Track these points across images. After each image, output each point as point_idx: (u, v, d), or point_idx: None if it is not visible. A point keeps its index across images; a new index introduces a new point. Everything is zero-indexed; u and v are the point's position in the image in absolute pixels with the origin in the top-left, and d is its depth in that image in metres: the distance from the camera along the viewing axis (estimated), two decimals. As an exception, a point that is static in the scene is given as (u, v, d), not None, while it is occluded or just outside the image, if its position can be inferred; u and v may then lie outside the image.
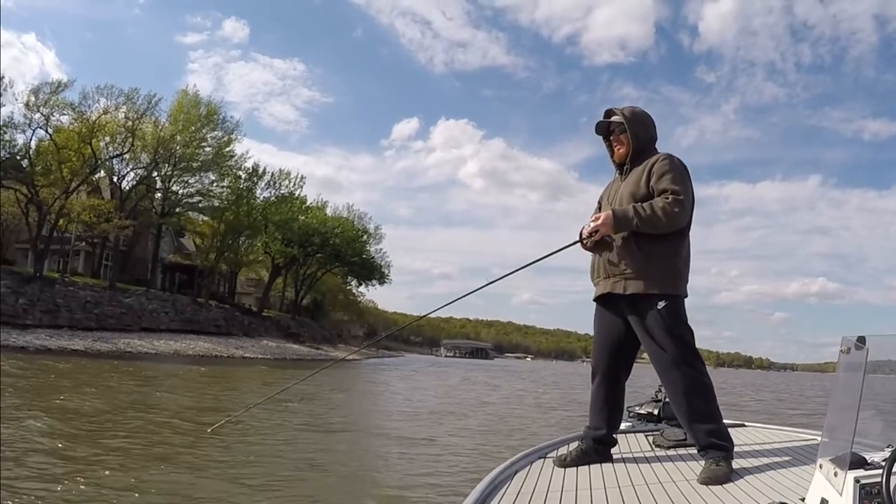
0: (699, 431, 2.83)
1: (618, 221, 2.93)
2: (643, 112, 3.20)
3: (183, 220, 50.38)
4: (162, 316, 42.00)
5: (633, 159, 3.13)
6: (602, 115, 3.26)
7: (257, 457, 8.08)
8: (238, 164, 49.50)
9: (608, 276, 3.06)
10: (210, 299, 49.94)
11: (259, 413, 10.69)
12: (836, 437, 1.88)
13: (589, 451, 3.07)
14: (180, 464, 7.39)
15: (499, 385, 31.19)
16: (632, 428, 3.76)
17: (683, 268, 3.02)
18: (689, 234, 3.05)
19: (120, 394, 13.91)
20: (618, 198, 3.10)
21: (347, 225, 63.30)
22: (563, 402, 21.38)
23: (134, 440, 8.63)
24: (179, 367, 26.78)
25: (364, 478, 7.56)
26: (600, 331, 3.18)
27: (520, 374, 50.46)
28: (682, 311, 2.99)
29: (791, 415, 18.77)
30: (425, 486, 7.17)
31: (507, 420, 14.55)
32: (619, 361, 3.15)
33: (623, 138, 3.15)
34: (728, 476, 2.62)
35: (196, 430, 8.92)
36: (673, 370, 2.89)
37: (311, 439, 9.93)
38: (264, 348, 45.67)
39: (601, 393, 3.17)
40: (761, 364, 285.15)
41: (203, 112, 45.36)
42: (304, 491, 6.84)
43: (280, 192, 55.96)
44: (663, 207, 2.86)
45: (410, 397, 19.76)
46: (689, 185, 2.99)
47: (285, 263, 59.16)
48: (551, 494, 2.51)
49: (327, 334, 68.18)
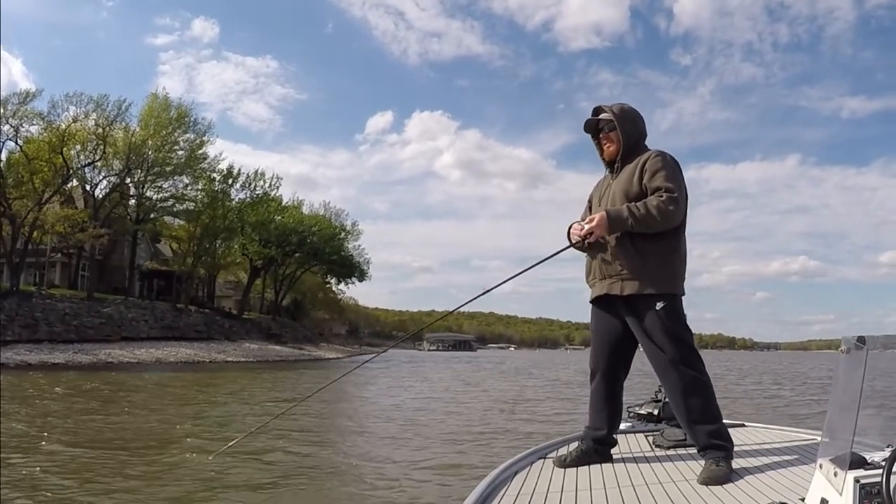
0: (699, 431, 2.84)
1: (612, 222, 2.90)
2: (632, 109, 3.17)
3: (158, 225, 49.95)
4: (142, 324, 41.54)
5: (623, 157, 3.11)
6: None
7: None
8: (212, 166, 49.07)
9: (604, 278, 3.04)
10: (189, 304, 49.53)
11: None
12: (835, 436, 1.86)
13: (589, 452, 3.07)
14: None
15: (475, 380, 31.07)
16: (632, 428, 3.74)
17: (680, 266, 3.02)
18: (684, 231, 3.04)
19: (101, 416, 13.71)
20: (609, 196, 3.08)
21: (324, 223, 63.08)
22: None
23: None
24: (164, 375, 26.56)
25: (364, 478, 7.54)
26: (598, 332, 3.16)
27: (500, 366, 50.35)
28: (681, 310, 2.99)
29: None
30: (425, 485, 7.18)
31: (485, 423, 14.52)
32: (617, 362, 3.13)
33: (612, 136, 3.12)
34: (728, 476, 2.62)
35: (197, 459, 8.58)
36: (672, 371, 2.89)
37: (306, 441, 9.90)
38: (246, 351, 45.45)
39: (600, 393, 3.16)
40: (744, 344, 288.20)
41: (174, 115, 44.83)
42: (305, 490, 6.84)
43: (255, 193, 55.59)
44: (658, 206, 2.85)
45: (398, 396, 19.71)
46: (683, 182, 2.99)
47: (264, 264, 58.83)
48: (551, 495, 2.51)
49: (309, 334, 67.91)
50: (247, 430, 8.27)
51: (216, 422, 12.35)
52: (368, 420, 13.11)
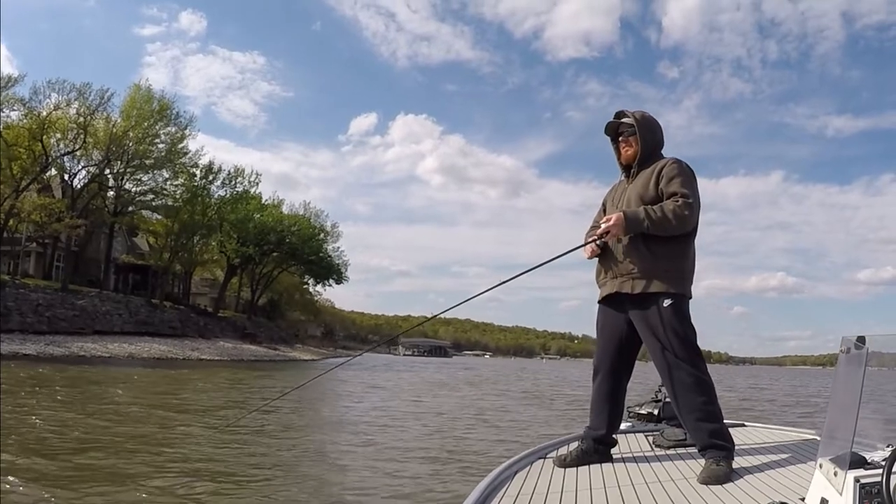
0: (699, 431, 2.88)
1: (629, 223, 2.96)
2: (653, 118, 3.29)
3: (136, 219, 49.29)
4: (115, 318, 41.00)
5: (640, 162, 3.19)
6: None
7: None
8: (192, 160, 48.55)
9: (615, 277, 3.10)
10: (164, 300, 48.95)
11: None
12: (835, 436, 1.88)
13: (589, 452, 3.11)
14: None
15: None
16: (632, 428, 3.78)
17: (690, 269, 3.09)
18: (695, 238, 3.11)
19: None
20: (625, 200, 3.15)
21: (304, 223, 62.63)
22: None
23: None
24: (140, 370, 26.26)
25: (362, 478, 7.52)
26: (604, 331, 3.21)
27: (479, 374, 50.19)
28: (687, 310, 3.04)
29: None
30: (425, 485, 7.20)
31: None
32: (620, 362, 3.18)
33: (632, 141, 3.21)
34: (728, 476, 2.65)
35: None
36: (675, 369, 2.93)
37: (298, 441, 9.88)
38: (220, 350, 45.08)
39: (602, 393, 3.19)
40: (720, 358, 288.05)
41: (156, 107, 44.22)
42: (304, 491, 6.82)
43: (235, 189, 55.15)
44: (674, 210, 2.92)
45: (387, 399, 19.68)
46: (697, 190, 3.05)
47: (241, 263, 58.30)
48: (551, 495, 2.53)
49: (284, 334, 67.38)
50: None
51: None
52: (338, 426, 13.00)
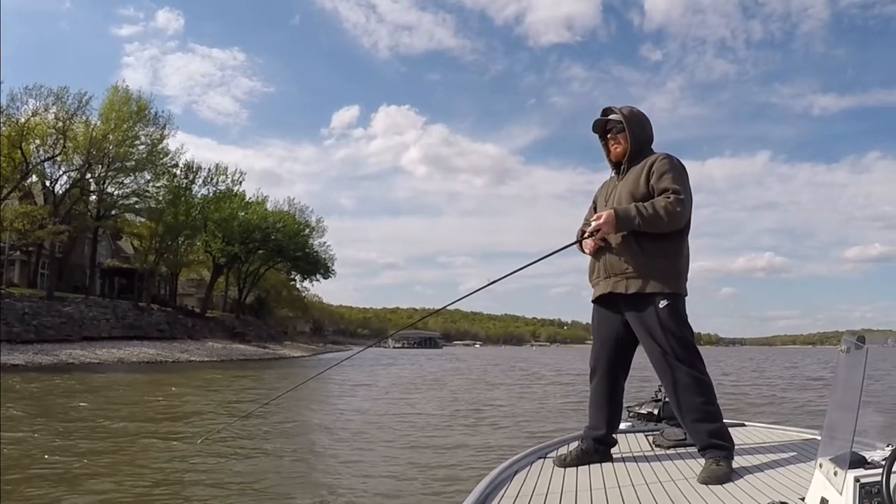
0: (699, 431, 2.86)
1: (620, 220, 2.92)
2: (641, 113, 3.21)
3: (120, 222, 48.87)
4: (103, 323, 40.69)
5: (630, 159, 3.14)
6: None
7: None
8: (173, 160, 47.97)
9: (608, 276, 3.05)
10: (151, 303, 48.66)
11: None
12: (835, 436, 1.87)
13: (589, 451, 3.09)
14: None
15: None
16: (632, 428, 3.77)
17: (684, 267, 3.05)
18: (688, 234, 3.08)
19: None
20: (616, 197, 3.10)
21: (289, 219, 62.46)
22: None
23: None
24: (131, 376, 26.12)
25: (361, 479, 7.52)
26: (600, 331, 3.18)
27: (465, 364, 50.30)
28: (683, 309, 3.01)
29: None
30: (424, 486, 7.21)
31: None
32: (617, 361, 3.16)
33: (621, 137, 3.15)
34: (728, 476, 2.65)
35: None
36: (673, 370, 2.91)
37: (294, 441, 9.88)
38: (210, 350, 44.96)
39: (600, 393, 3.17)
40: (710, 340, 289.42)
41: (134, 108, 43.69)
42: (304, 492, 6.82)
43: (218, 188, 54.75)
44: (665, 206, 2.88)
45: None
46: (689, 185, 3.02)
47: (227, 262, 58.10)
48: (551, 495, 2.52)
49: (273, 332, 67.37)
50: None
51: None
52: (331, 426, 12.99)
